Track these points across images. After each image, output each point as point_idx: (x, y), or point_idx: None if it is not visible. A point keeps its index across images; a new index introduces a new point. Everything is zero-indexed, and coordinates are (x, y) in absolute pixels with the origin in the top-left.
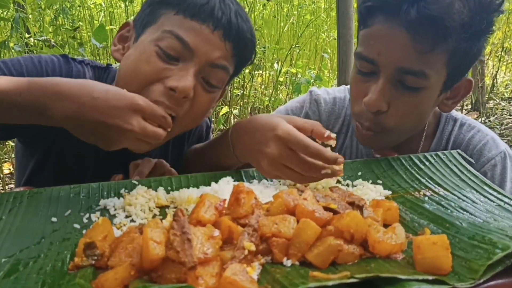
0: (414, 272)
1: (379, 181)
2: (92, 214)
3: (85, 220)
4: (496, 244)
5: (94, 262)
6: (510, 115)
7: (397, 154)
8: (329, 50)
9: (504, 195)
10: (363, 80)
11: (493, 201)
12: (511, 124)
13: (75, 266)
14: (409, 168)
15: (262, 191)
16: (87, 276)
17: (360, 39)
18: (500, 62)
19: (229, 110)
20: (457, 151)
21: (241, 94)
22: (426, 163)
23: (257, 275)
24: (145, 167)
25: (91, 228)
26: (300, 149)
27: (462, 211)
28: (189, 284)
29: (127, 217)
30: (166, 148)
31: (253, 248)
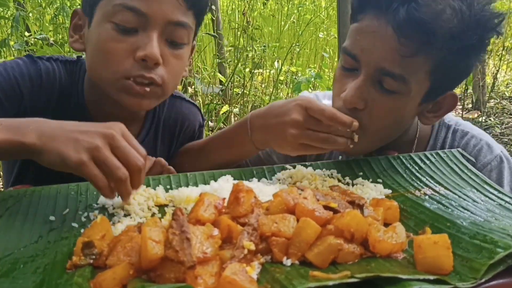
0: (415, 272)
1: (379, 180)
2: (91, 213)
3: (83, 219)
4: (498, 244)
5: (92, 261)
6: (511, 114)
7: (397, 153)
8: (328, 49)
9: (505, 194)
10: (345, 76)
11: (494, 200)
12: None
13: (73, 265)
14: (410, 167)
15: (262, 190)
16: (85, 275)
17: (349, 33)
18: (501, 61)
19: (230, 109)
20: (458, 150)
21: (241, 93)
22: (427, 162)
23: (257, 275)
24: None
25: (90, 227)
26: (318, 114)
27: (463, 210)
28: (188, 284)
29: (126, 216)
30: (155, 146)
31: (253, 248)
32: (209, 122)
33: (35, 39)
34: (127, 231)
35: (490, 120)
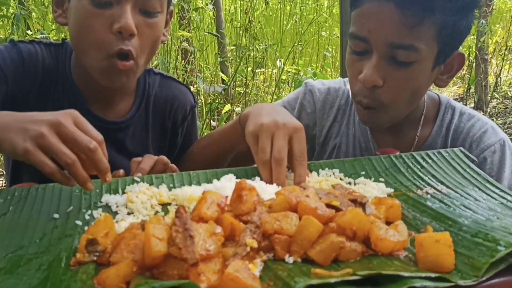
0: (417, 270)
1: (381, 179)
2: (94, 211)
3: (87, 217)
4: (499, 242)
5: (96, 258)
6: None
7: (399, 152)
8: (330, 49)
9: (507, 193)
10: (358, 60)
11: (496, 199)
12: None
13: (77, 262)
14: (411, 166)
15: (264, 188)
16: (89, 272)
17: (352, 20)
18: (504, 61)
19: (232, 108)
20: (460, 149)
21: (244, 92)
22: (429, 161)
23: (259, 272)
24: (146, 164)
25: (93, 225)
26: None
27: (465, 209)
28: (191, 281)
29: (129, 214)
30: (146, 123)
31: (255, 245)
32: (212, 122)
33: (37, 38)
34: (131, 229)
35: (493, 120)
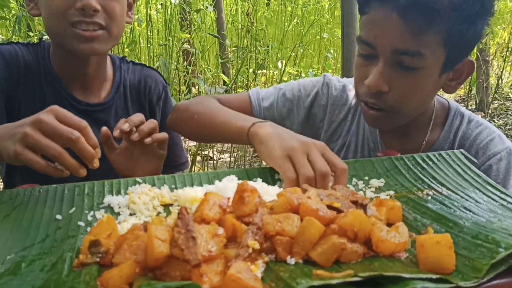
0: (418, 271)
1: (382, 180)
2: (97, 212)
3: (90, 218)
4: (500, 243)
5: (99, 260)
6: None
7: (400, 154)
8: (332, 50)
9: (507, 195)
10: (365, 64)
11: (496, 201)
12: None
13: (80, 264)
14: (412, 168)
15: (266, 190)
16: (92, 274)
17: (361, 25)
18: (505, 62)
19: None
20: (460, 151)
21: None
22: (429, 163)
23: (261, 273)
24: (136, 117)
25: (96, 226)
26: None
27: (465, 211)
28: (194, 282)
29: (131, 215)
30: (126, 104)
31: (257, 246)
32: None
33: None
34: (133, 230)
35: (494, 122)
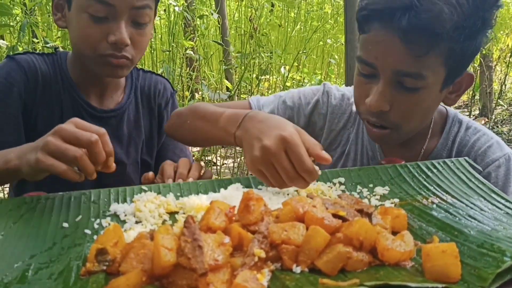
0: (424, 280)
1: (387, 188)
2: (103, 220)
3: (96, 226)
4: (505, 252)
5: (106, 268)
6: None
7: (404, 161)
8: (336, 56)
9: None
10: (365, 82)
11: (501, 209)
12: None
13: (87, 272)
14: (417, 176)
15: (271, 198)
16: (99, 282)
17: (360, 44)
18: (508, 68)
19: None
20: (465, 159)
21: None
22: (434, 171)
23: (267, 282)
24: (184, 168)
25: (102, 234)
26: (295, 160)
27: (470, 219)
28: None
29: (137, 223)
30: (137, 108)
31: (263, 255)
32: None
33: (45, 47)
34: (140, 238)
35: (498, 127)
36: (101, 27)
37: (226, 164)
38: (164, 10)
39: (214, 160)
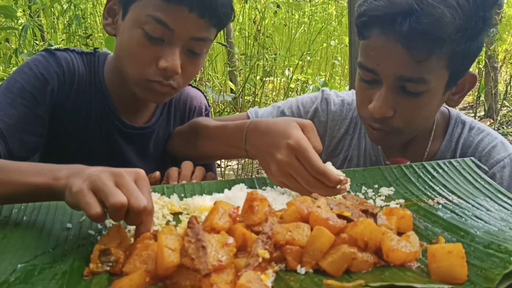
0: (429, 281)
1: (392, 188)
2: (107, 220)
3: (100, 226)
4: None
5: (109, 269)
6: None
7: (409, 162)
8: (340, 58)
9: None
10: (367, 88)
11: (508, 209)
12: None
13: (90, 272)
14: (422, 176)
15: (275, 199)
16: (102, 283)
17: (360, 50)
18: None
19: None
20: (471, 159)
21: (252, 101)
22: (440, 171)
23: (271, 283)
24: (188, 170)
25: (106, 235)
26: (306, 165)
27: (477, 220)
28: None
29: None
30: (168, 125)
31: (267, 256)
32: None
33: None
34: (143, 239)
35: (503, 128)
36: (154, 49)
37: (230, 166)
38: None
39: (218, 162)
